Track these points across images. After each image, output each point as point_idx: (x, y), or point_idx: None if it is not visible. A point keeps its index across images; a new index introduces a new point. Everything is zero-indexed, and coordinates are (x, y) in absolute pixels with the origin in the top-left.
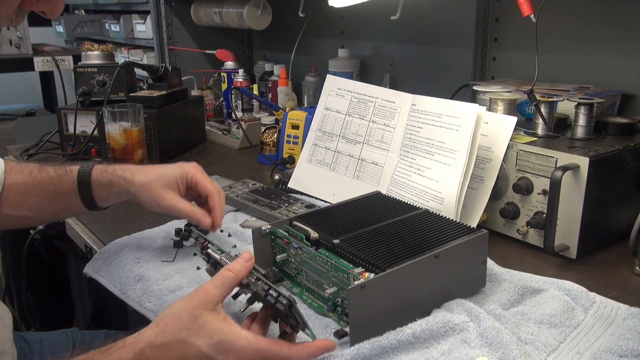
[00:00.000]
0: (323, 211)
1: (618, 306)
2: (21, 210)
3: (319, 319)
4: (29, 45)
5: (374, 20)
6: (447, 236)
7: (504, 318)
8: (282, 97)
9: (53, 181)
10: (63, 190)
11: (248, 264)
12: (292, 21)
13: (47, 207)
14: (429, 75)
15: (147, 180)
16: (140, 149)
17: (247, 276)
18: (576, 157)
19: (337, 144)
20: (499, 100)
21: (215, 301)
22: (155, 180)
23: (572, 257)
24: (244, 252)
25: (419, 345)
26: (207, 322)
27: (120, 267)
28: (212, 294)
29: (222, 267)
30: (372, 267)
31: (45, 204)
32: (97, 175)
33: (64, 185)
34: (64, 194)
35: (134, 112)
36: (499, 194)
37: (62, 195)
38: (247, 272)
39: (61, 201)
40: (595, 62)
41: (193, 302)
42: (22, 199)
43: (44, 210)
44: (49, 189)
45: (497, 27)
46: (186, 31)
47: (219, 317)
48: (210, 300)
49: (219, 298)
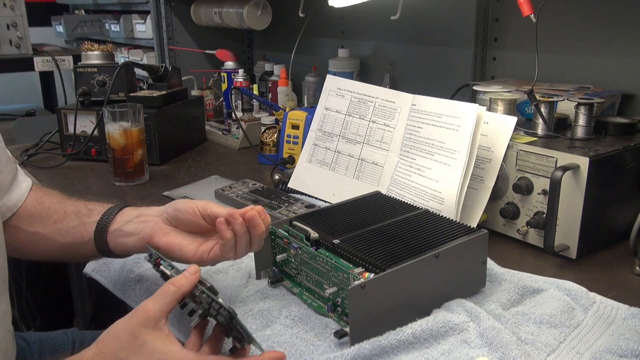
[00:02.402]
0: (323, 211)
1: (618, 306)
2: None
3: (319, 319)
4: (29, 45)
5: (374, 20)
6: (447, 236)
7: (504, 318)
8: (282, 97)
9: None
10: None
11: (193, 277)
12: (292, 21)
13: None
14: (429, 75)
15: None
16: (140, 149)
17: (192, 290)
18: (576, 157)
19: (337, 144)
20: (499, 100)
21: (156, 318)
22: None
23: (572, 257)
24: (192, 265)
25: (419, 345)
26: (146, 341)
27: (120, 267)
28: (152, 310)
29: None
30: (372, 267)
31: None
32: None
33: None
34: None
35: (134, 112)
36: (499, 194)
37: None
38: (192, 285)
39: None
40: (595, 62)
41: (132, 320)
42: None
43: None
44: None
45: (497, 27)
46: (186, 31)
47: (160, 335)
48: (151, 317)
49: (159, 314)
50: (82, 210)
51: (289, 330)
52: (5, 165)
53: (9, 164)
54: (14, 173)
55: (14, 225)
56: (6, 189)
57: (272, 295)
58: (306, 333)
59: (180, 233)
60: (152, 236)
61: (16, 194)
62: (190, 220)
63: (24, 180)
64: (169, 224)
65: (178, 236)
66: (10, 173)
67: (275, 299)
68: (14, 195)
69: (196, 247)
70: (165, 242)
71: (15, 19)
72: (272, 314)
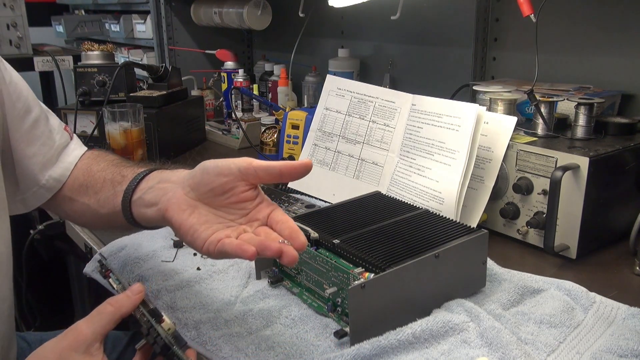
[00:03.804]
0: (323, 211)
1: (618, 306)
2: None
3: (319, 319)
4: (29, 45)
5: (374, 20)
6: (447, 236)
7: (504, 318)
8: (282, 97)
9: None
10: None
11: (135, 297)
12: (292, 21)
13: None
14: (429, 75)
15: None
16: (140, 149)
17: (132, 311)
18: (576, 157)
19: (337, 144)
20: (499, 100)
21: (88, 342)
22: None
23: (572, 257)
24: (136, 283)
25: (419, 345)
26: None
27: (120, 267)
28: (84, 333)
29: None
30: (372, 267)
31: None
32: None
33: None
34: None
35: (134, 112)
36: (499, 194)
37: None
38: (133, 307)
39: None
40: (595, 62)
41: (62, 343)
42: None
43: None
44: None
45: (497, 27)
46: (186, 31)
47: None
48: (82, 341)
49: (92, 338)
50: (116, 178)
51: (289, 330)
52: (47, 137)
53: (54, 134)
54: (64, 143)
55: (68, 195)
56: (54, 161)
57: (272, 295)
58: (306, 333)
59: (198, 211)
60: (168, 209)
61: (63, 165)
62: (222, 184)
63: (75, 149)
64: (191, 196)
65: (195, 216)
66: (56, 144)
67: (275, 299)
68: (59, 167)
69: (210, 233)
70: (177, 220)
71: (15, 19)
72: (272, 314)
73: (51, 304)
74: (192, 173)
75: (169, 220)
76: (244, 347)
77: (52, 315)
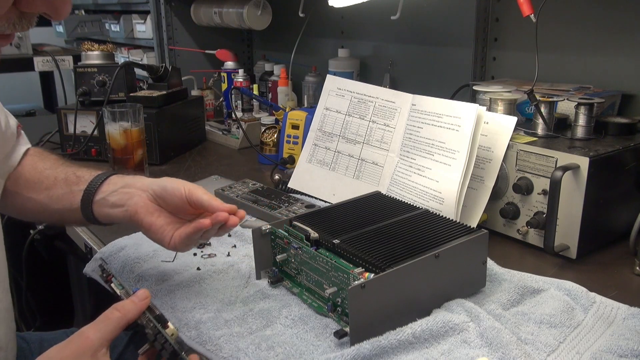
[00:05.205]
0: (323, 211)
1: (618, 306)
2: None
3: (319, 319)
4: (29, 45)
5: (374, 20)
6: (447, 236)
7: (504, 318)
8: (282, 97)
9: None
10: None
11: (142, 302)
12: (292, 21)
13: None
14: (429, 75)
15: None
16: (140, 149)
17: (139, 317)
18: (576, 157)
19: (337, 144)
20: (499, 100)
21: (94, 347)
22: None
23: (572, 257)
24: (141, 289)
25: (419, 345)
26: None
27: (120, 267)
28: (91, 339)
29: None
30: (372, 267)
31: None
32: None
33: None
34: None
35: (134, 112)
36: (499, 194)
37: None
38: (139, 312)
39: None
40: (595, 62)
41: (67, 349)
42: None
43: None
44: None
45: (497, 27)
46: (186, 31)
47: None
48: (89, 347)
49: (99, 343)
50: (70, 178)
51: (289, 330)
52: (5, 129)
53: (9, 129)
54: (17, 136)
55: (14, 190)
56: (9, 153)
57: (272, 295)
58: (306, 333)
59: (164, 214)
60: (137, 212)
61: (14, 157)
62: (175, 203)
63: (23, 144)
64: (155, 202)
65: (161, 218)
66: (12, 136)
67: (275, 299)
68: (12, 158)
69: (174, 230)
70: (148, 222)
71: None
72: (272, 314)
73: (51, 304)
74: (155, 183)
75: (139, 222)
76: (244, 347)
77: (52, 315)
